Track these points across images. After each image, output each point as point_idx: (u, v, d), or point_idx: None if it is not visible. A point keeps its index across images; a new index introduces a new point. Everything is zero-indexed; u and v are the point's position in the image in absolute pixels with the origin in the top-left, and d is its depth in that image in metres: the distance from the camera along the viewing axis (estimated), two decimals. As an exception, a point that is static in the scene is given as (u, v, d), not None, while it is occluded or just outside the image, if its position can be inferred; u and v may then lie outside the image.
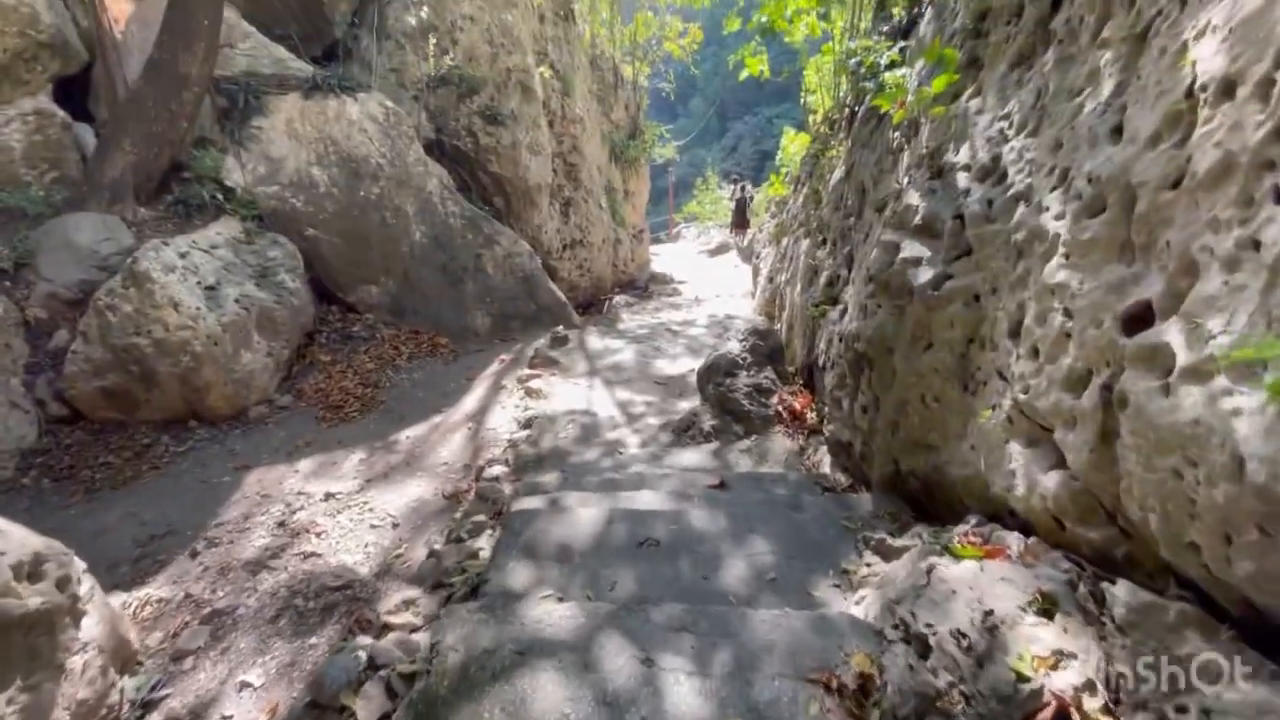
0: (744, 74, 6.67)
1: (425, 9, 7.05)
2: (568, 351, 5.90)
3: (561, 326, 6.52)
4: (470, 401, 4.97)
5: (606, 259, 9.59)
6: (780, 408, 4.02)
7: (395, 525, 3.53)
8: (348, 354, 5.51)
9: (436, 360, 5.75)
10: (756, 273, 8.91)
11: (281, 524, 3.53)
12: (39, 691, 2.00)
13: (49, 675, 2.04)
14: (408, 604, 2.25)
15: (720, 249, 14.52)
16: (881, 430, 2.86)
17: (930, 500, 2.60)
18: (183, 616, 2.92)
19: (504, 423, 4.56)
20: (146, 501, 3.82)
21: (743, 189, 14.29)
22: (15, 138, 5.02)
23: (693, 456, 3.77)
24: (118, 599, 3.02)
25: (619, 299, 9.16)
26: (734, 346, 4.51)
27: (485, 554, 2.55)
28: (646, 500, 2.91)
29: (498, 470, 3.78)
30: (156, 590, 3.10)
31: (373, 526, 3.51)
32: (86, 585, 2.30)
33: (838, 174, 4.75)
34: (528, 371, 5.31)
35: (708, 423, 4.03)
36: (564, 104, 9.06)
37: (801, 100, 9.25)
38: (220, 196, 5.18)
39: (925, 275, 2.51)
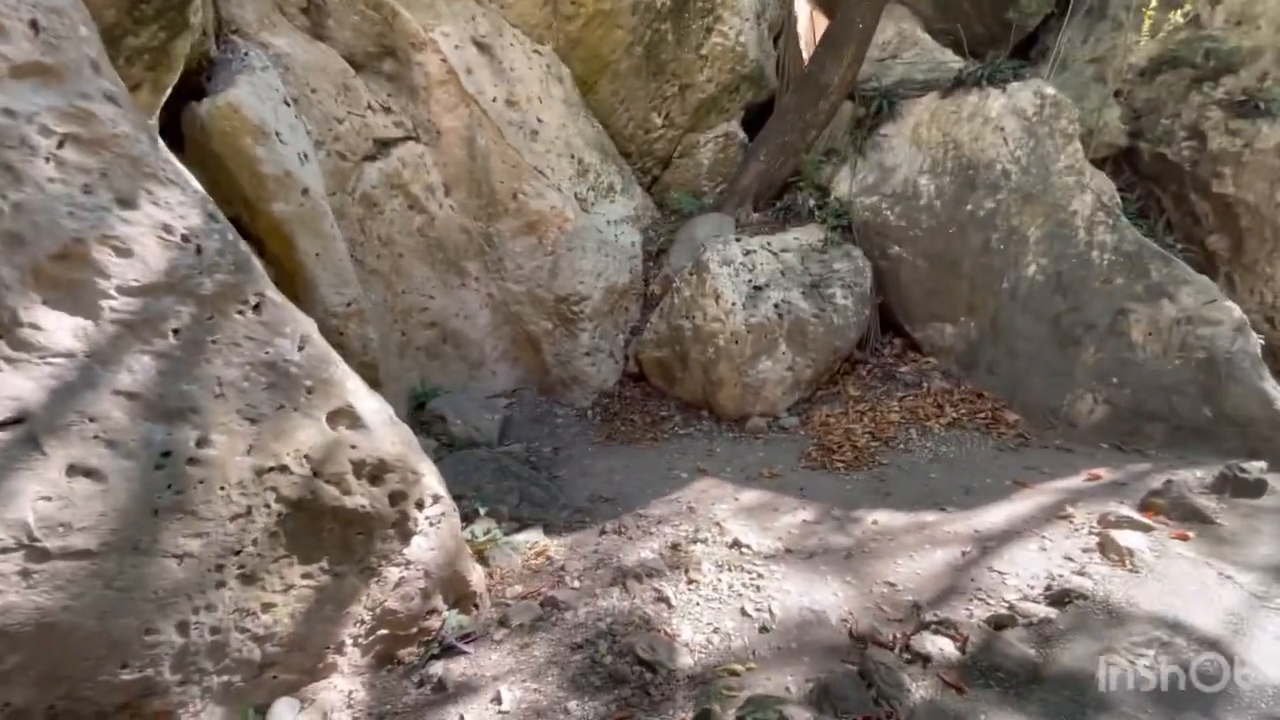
0: None
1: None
2: (1246, 512, 3.04)
3: (1263, 464, 3.47)
4: (996, 515, 3.18)
5: None
6: None
7: (764, 629, 2.51)
8: (879, 396, 4.51)
9: (986, 440, 4.03)
10: None
11: (675, 547, 3.06)
12: (342, 580, 2.13)
13: (355, 570, 2.16)
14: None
15: None
16: None
17: None
18: (543, 585, 2.85)
19: (1028, 574, 2.66)
20: (628, 466, 4.07)
21: None
22: (705, 156, 6.23)
23: None
24: (533, 535, 3.23)
25: None
26: None
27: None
28: None
29: (937, 647, 2.14)
30: (557, 547, 3.15)
31: (742, 613, 2.61)
32: (434, 510, 2.37)
33: None
34: (1130, 514, 2.98)
35: None
36: None
37: None
38: (812, 203, 5.01)
39: None
